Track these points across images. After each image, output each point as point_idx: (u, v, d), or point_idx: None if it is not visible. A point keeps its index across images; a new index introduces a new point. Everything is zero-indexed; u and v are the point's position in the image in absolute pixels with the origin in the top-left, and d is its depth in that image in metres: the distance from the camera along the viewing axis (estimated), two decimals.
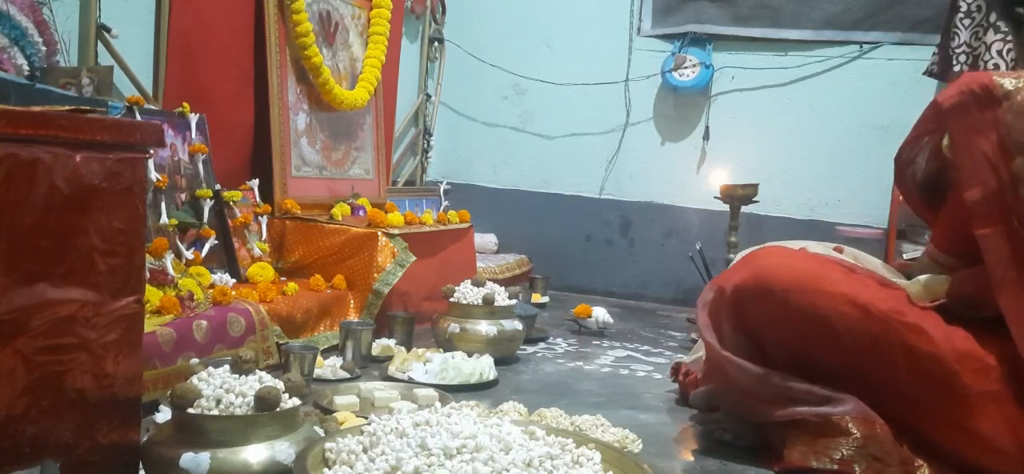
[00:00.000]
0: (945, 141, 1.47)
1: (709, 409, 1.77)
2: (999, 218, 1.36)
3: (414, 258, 2.53)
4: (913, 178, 1.60)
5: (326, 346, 2.18)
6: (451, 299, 2.23)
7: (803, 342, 1.50)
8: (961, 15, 3.09)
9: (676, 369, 2.04)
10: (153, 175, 2.09)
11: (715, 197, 2.85)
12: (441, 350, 2.12)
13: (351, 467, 1.08)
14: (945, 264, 1.53)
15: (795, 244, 1.78)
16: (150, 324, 1.65)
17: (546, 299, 3.29)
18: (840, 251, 1.73)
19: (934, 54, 3.19)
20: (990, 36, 3.00)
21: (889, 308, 1.45)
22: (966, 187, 1.38)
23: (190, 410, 1.14)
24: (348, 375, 1.95)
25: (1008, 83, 1.37)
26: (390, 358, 2.08)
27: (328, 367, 1.95)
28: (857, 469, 1.40)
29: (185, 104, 2.32)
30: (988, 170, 1.36)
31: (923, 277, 1.52)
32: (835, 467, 1.41)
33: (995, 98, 1.36)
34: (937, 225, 1.58)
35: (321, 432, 1.27)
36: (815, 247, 1.74)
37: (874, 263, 1.68)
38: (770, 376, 1.51)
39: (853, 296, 1.47)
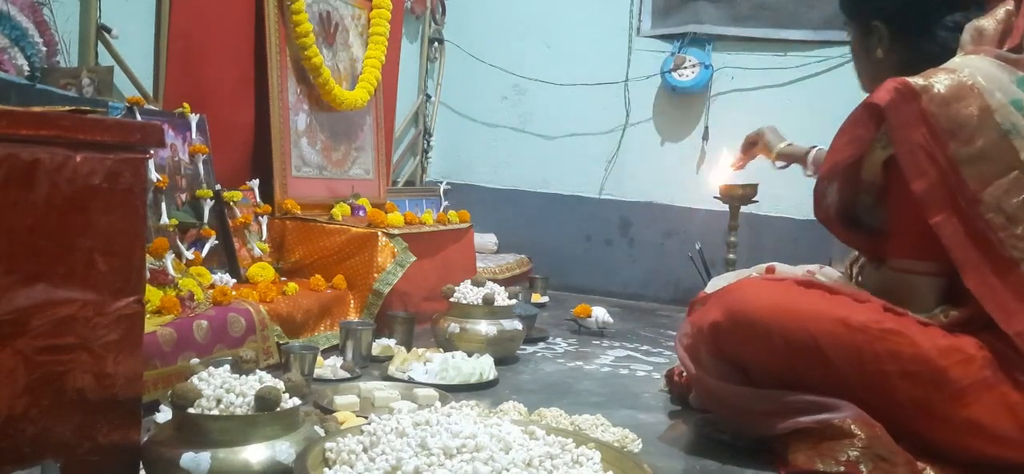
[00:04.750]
0: (868, 164, 1.51)
1: (708, 409, 1.77)
2: (948, 203, 1.43)
3: (414, 258, 2.53)
4: (828, 211, 1.62)
5: (326, 346, 2.18)
6: (451, 299, 2.23)
7: (790, 367, 1.51)
8: None
9: (669, 376, 2.04)
10: (153, 175, 2.09)
11: (715, 197, 2.85)
12: (441, 350, 2.12)
13: (351, 467, 1.08)
14: (924, 271, 1.52)
15: (760, 268, 1.81)
16: (150, 324, 1.65)
17: (546, 299, 3.29)
18: (811, 275, 1.74)
19: None
20: None
21: (867, 318, 1.47)
22: (911, 179, 1.44)
23: (190, 410, 1.14)
24: (348, 375, 1.95)
25: (918, 81, 1.44)
26: (390, 358, 2.08)
27: (328, 367, 1.95)
28: (863, 470, 1.40)
29: (185, 104, 2.32)
30: (926, 160, 1.43)
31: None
32: (842, 469, 1.41)
33: (914, 92, 1.44)
34: (894, 231, 1.55)
35: (321, 432, 1.27)
36: (783, 269, 1.76)
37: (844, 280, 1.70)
38: (762, 393, 1.52)
39: (831, 312, 1.49)
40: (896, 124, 1.44)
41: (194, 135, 2.33)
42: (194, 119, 2.33)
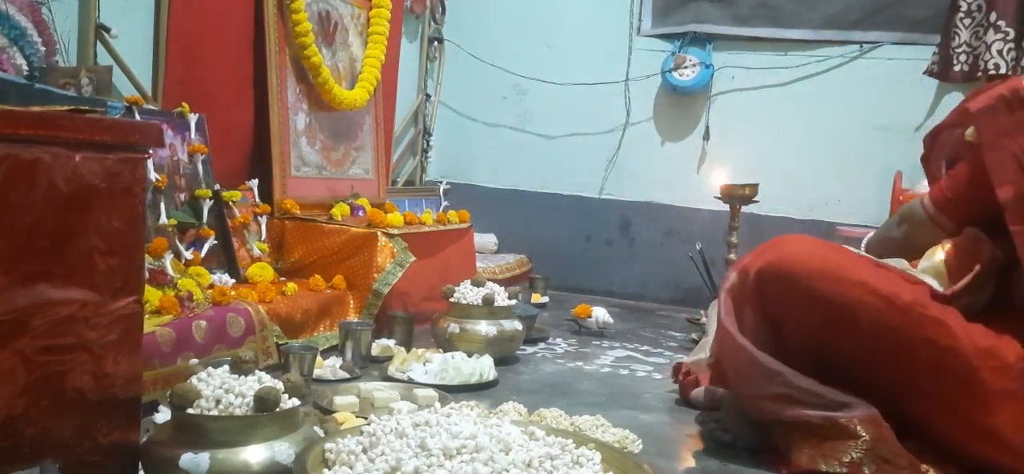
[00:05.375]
0: (969, 131, 1.54)
1: (709, 408, 1.76)
2: None
3: (414, 258, 2.53)
4: (940, 151, 1.68)
5: (326, 346, 2.18)
6: (451, 299, 2.23)
7: (823, 329, 1.51)
8: (961, 15, 3.10)
9: (677, 369, 2.05)
10: (153, 175, 2.09)
11: (715, 197, 2.85)
12: (441, 350, 2.12)
13: (351, 467, 1.08)
14: (941, 225, 1.60)
15: None
16: (150, 324, 1.65)
17: (546, 299, 3.29)
18: None
19: (934, 54, 3.19)
20: (990, 36, 3.01)
21: (912, 300, 1.46)
22: (998, 185, 1.44)
23: (190, 410, 1.14)
24: (348, 375, 1.95)
25: None
26: (390, 358, 2.08)
27: (328, 367, 1.95)
28: (866, 471, 1.40)
29: (184, 104, 2.32)
30: (1018, 170, 1.42)
31: (928, 265, 1.56)
32: (844, 470, 1.41)
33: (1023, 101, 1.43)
34: (943, 185, 1.62)
35: (321, 432, 1.27)
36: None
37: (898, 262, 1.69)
38: (783, 374, 1.50)
39: (876, 286, 1.48)
40: (989, 131, 1.46)
41: (193, 135, 2.32)
42: (193, 119, 2.33)
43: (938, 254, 1.57)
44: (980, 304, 1.49)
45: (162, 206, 2.11)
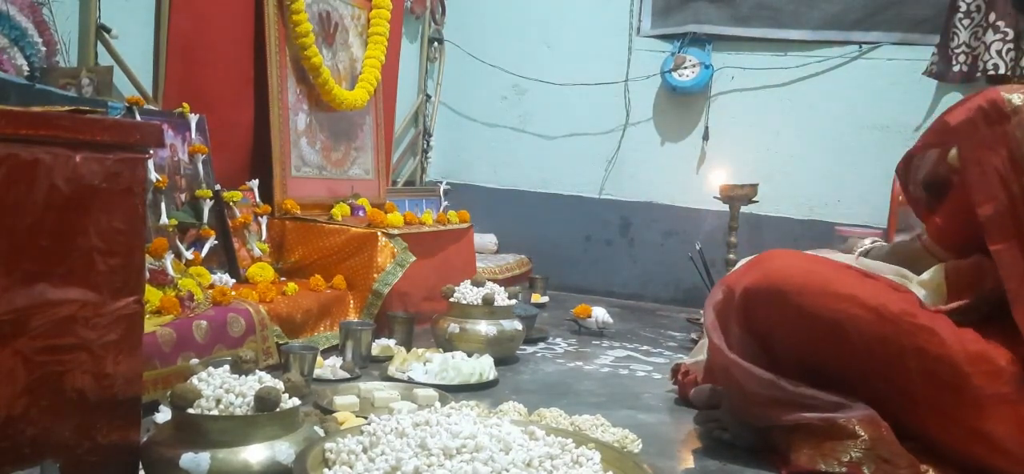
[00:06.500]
0: (952, 153, 1.51)
1: (709, 407, 1.77)
2: (1013, 233, 1.40)
3: (414, 258, 2.53)
4: (916, 174, 1.64)
5: (326, 346, 2.18)
6: (451, 299, 2.23)
7: (813, 344, 1.51)
8: (961, 15, 3.10)
9: (676, 371, 2.04)
10: (153, 175, 2.09)
11: (715, 197, 2.85)
12: (441, 350, 2.12)
13: (351, 467, 1.08)
14: (942, 258, 1.58)
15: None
16: (150, 324, 1.65)
17: (546, 299, 3.29)
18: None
19: (934, 54, 3.20)
20: (989, 36, 3.01)
21: (901, 310, 1.45)
22: (979, 203, 1.42)
23: (190, 410, 1.14)
24: (348, 375, 1.95)
25: (1016, 98, 1.41)
26: (390, 358, 2.08)
27: (328, 367, 1.95)
28: (866, 471, 1.40)
29: (185, 104, 2.32)
30: (999, 185, 1.41)
31: (927, 278, 1.55)
32: (844, 470, 1.41)
33: (1004, 113, 1.41)
34: (938, 220, 1.60)
35: (321, 432, 1.27)
36: (826, 255, 1.75)
37: (884, 268, 1.69)
38: (777, 382, 1.50)
39: (864, 298, 1.47)
40: (969, 145, 1.44)
41: (193, 135, 2.32)
42: (193, 119, 2.33)
43: (939, 274, 1.55)
44: (971, 317, 1.48)
45: (163, 206, 2.11)
